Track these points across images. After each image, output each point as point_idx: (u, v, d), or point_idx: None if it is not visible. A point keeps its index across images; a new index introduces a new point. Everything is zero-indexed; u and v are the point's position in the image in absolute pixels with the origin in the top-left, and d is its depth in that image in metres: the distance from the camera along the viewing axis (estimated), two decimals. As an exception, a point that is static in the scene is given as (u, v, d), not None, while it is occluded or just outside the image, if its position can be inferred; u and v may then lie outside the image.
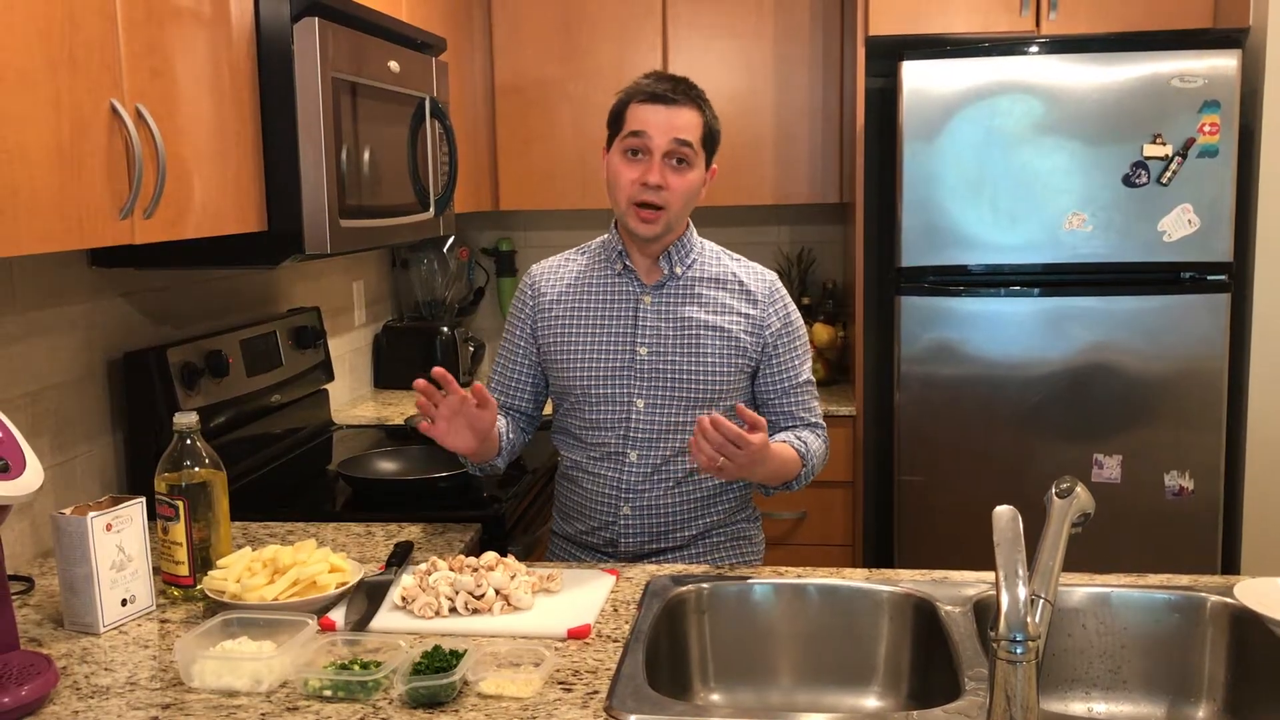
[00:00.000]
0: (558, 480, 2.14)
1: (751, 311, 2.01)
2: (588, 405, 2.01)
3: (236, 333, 2.50)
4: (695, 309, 2.00)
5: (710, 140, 1.98)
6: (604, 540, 2.03)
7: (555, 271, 2.11)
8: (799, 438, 1.98)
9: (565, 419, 2.07)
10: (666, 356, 1.98)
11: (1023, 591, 1.20)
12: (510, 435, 2.05)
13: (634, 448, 1.98)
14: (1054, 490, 1.40)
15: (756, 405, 2.06)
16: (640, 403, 1.98)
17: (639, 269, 2.02)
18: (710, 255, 2.06)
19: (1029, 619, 1.19)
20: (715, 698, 1.72)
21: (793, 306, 2.06)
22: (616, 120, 1.97)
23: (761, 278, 2.05)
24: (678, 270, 2.01)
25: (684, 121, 1.92)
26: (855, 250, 3.30)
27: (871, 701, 1.70)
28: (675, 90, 1.93)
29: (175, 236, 1.73)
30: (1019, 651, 1.18)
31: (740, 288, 2.03)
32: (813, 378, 2.08)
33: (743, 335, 1.99)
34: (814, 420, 2.06)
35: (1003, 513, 1.27)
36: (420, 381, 1.82)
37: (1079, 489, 1.40)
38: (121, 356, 2.20)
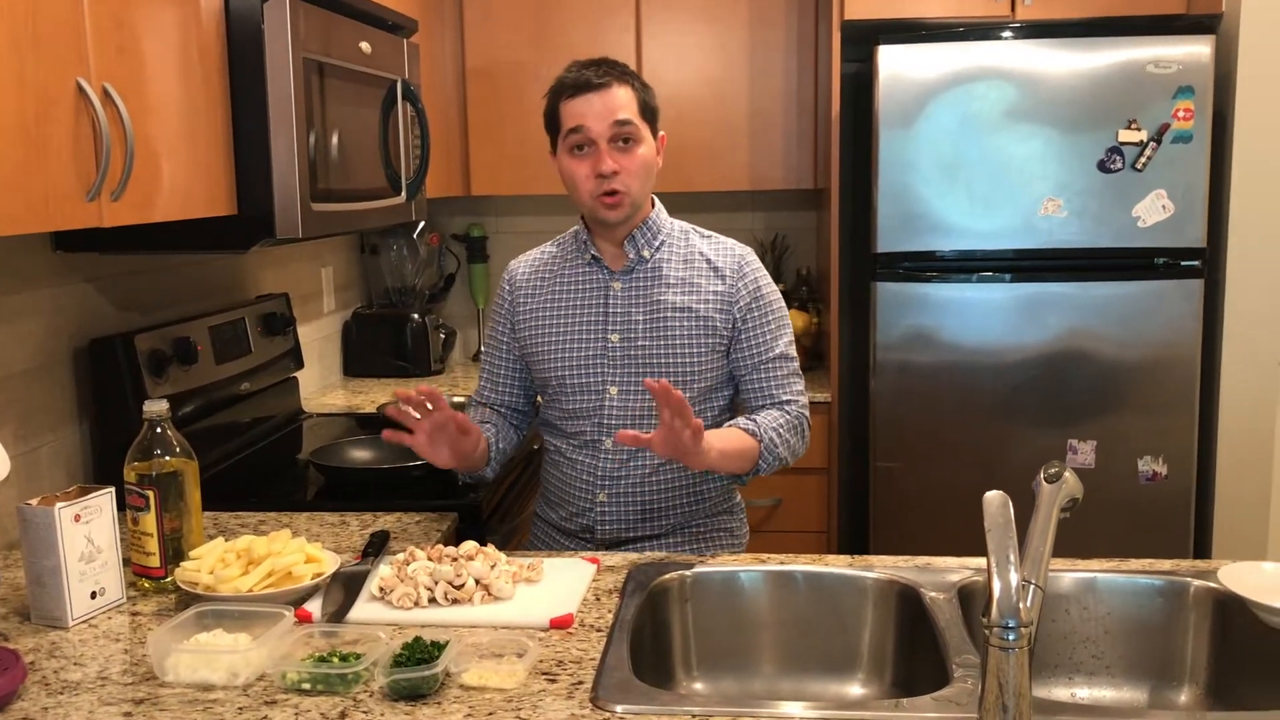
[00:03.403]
0: (542, 466, 2.13)
1: (720, 288, 1.98)
2: (564, 394, 2.00)
3: (205, 319, 2.45)
4: (664, 292, 1.98)
5: (648, 112, 1.94)
6: (581, 527, 2.02)
7: (530, 265, 2.10)
8: (749, 418, 1.94)
9: (546, 409, 2.08)
10: (637, 342, 1.96)
11: (1015, 577, 1.19)
12: (500, 445, 2.05)
13: (609, 435, 1.97)
14: (1042, 475, 1.39)
15: (734, 383, 2.04)
16: (613, 389, 1.97)
17: (606, 256, 2.01)
18: (678, 236, 2.04)
19: (1021, 605, 1.18)
20: (698, 686, 1.70)
21: (765, 280, 2.03)
22: (552, 121, 1.95)
23: (730, 253, 2.02)
24: (645, 254, 1.99)
25: (617, 102, 1.89)
26: (830, 236, 3.29)
27: (856, 689, 1.69)
28: (600, 74, 1.89)
29: (144, 220, 1.69)
30: (1011, 638, 1.17)
31: (708, 265, 2.00)
32: (791, 353, 2.03)
33: (713, 314, 1.97)
34: (788, 397, 2.00)
35: (993, 498, 1.26)
36: (402, 392, 1.79)
37: (1068, 474, 1.39)
38: (87, 344, 2.15)
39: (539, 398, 2.12)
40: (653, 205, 2.04)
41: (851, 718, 1.31)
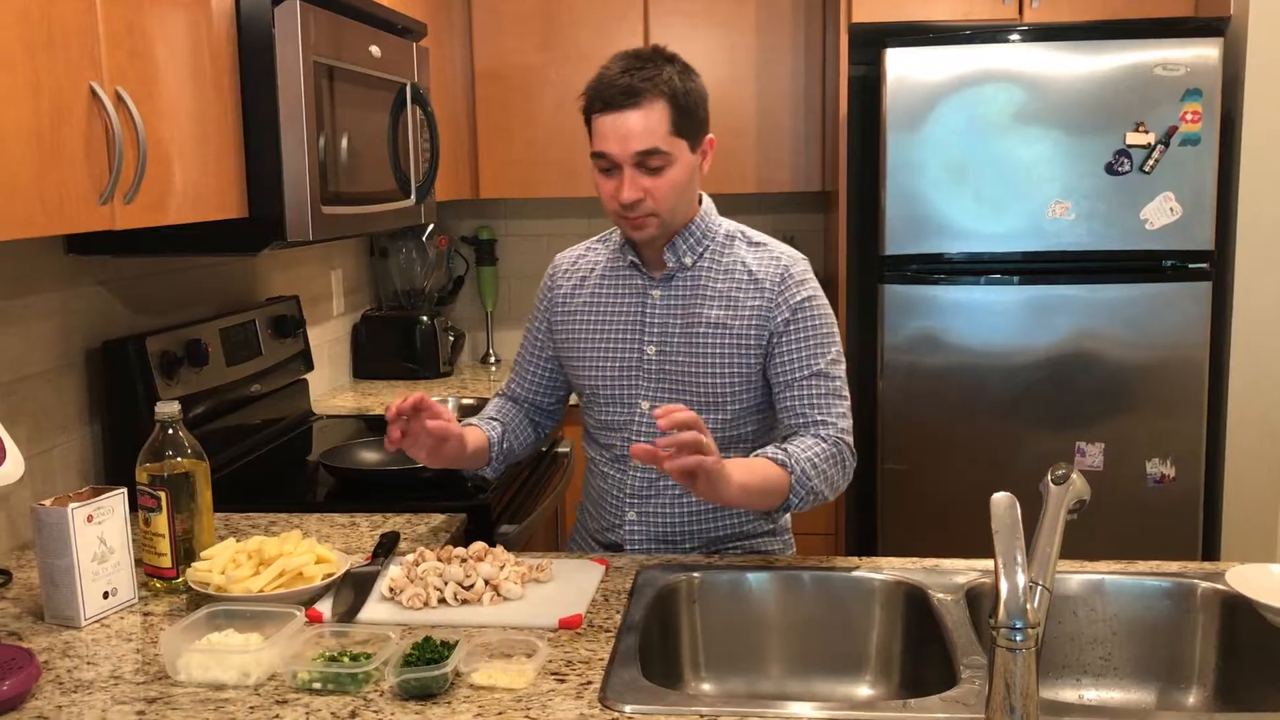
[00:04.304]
0: (584, 471, 2.07)
1: (758, 302, 1.84)
2: (596, 405, 1.94)
3: (215, 321, 2.46)
4: (701, 304, 1.86)
5: (685, 124, 1.78)
6: (610, 542, 1.95)
7: (573, 263, 2.00)
8: (779, 446, 1.76)
9: (584, 415, 2.00)
10: (673, 356, 1.86)
11: (1022, 579, 1.19)
12: (506, 444, 1.98)
13: None
14: (1050, 477, 1.39)
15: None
16: (645, 404, 1.88)
17: (646, 261, 1.90)
18: (723, 242, 1.89)
19: (1028, 606, 1.18)
20: (706, 687, 1.71)
21: (810, 293, 1.86)
22: (587, 127, 1.82)
23: (774, 263, 1.86)
24: (686, 261, 1.87)
25: (642, 126, 1.74)
26: (838, 239, 3.29)
27: (864, 690, 1.69)
28: (630, 89, 1.73)
29: (156, 222, 1.70)
30: (1019, 639, 1.17)
31: (749, 278, 1.86)
32: (835, 372, 1.84)
33: (749, 331, 1.84)
34: (822, 418, 1.80)
35: (1001, 500, 1.26)
36: (392, 411, 1.72)
37: (1075, 475, 1.39)
38: (99, 345, 2.16)
39: (579, 400, 2.03)
40: (700, 203, 1.90)
41: (859, 718, 1.32)
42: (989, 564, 1.69)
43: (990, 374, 3.07)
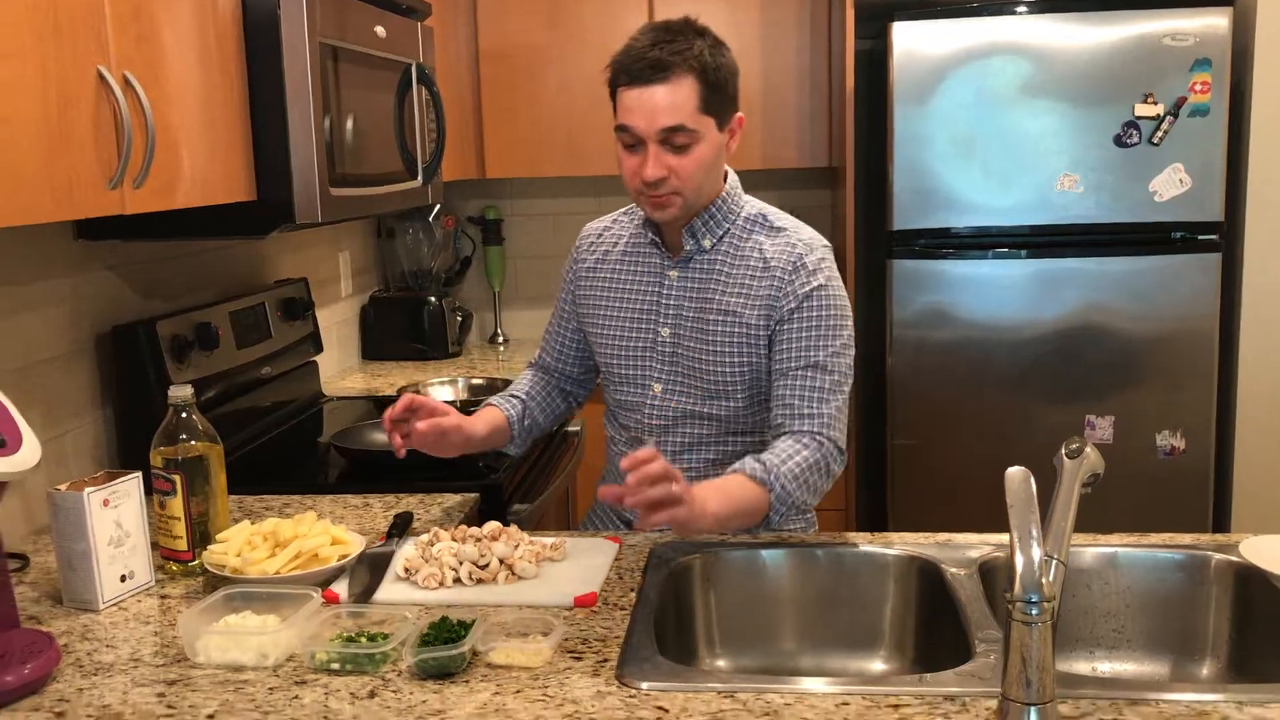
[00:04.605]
0: (606, 446, 2.07)
1: (769, 291, 1.79)
2: (612, 383, 1.94)
3: (225, 305, 2.46)
4: (715, 290, 1.82)
5: (714, 101, 1.72)
6: (630, 521, 1.94)
7: (599, 235, 1.98)
8: (759, 459, 1.69)
9: (604, 393, 2.00)
10: (684, 340, 1.85)
11: (1037, 552, 1.19)
12: (530, 420, 1.98)
13: (650, 433, 1.88)
14: (1064, 451, 1.39)
15: None
16: (657, 387, 1.88)
17: (665, 239, 1.87)
18: (744, 225, 1.84)
19: (1044, 580, 1.18)
20: (721, 664, 1.71)
21: (824, 282, 1.79)
22: (612, 100, 1.77)
23: (790, 250, 1.80)
24: (705, 244, 1.83)
25: (669, 102, 1.69)
26: (845, 214, 3.29)
27: (878, 665, 1.70)
28: (659, 64, 1.68)
29: (165, 206, 1.70)
30: (1035, 612, 1.17)
31: (763, 265, 1.80)
32: (835, 365, 1.77)
33: (758, 320, 1.79)
34: (809, 412, 1.74)
35: (1015, 474, 1.26)
36: (386, 423, 1.77)
37: (1089, 449, 1.39)
38: (110, 330, 2.17)
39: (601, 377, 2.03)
40: (725, 180, 1.85)
41: (874, 692, 1.32)
42: (1001, 538, 1.70)
43: (999, 348, 3.07)
